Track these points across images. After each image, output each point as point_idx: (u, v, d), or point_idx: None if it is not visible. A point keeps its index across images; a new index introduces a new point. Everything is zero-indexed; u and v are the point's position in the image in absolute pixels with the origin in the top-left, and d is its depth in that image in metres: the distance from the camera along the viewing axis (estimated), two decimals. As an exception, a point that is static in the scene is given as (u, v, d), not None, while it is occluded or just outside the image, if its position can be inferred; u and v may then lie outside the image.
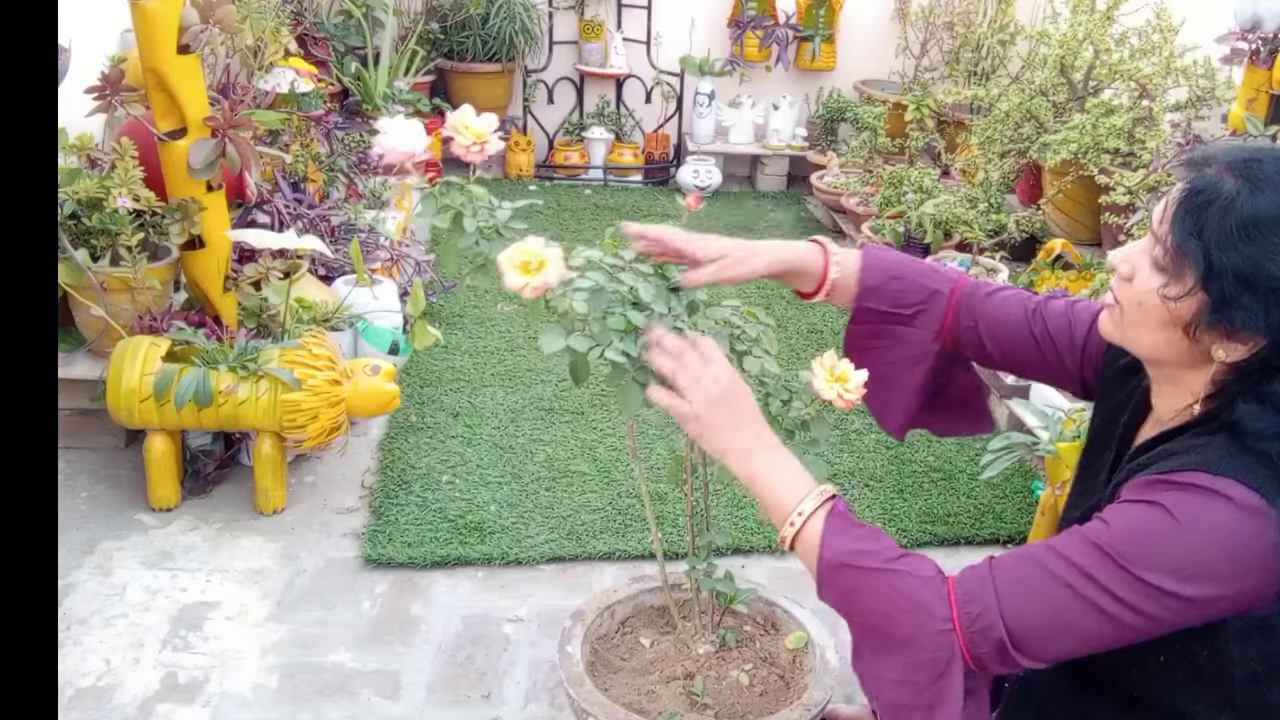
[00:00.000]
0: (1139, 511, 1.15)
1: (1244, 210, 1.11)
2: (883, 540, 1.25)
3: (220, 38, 2.57)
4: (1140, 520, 1.15)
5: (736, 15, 5.39)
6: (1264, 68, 3.22)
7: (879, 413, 1.61)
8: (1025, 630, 1.15)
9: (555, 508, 2.69)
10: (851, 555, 1.23)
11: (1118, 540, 1.14)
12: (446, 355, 3.44)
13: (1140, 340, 1.23)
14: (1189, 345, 1.17)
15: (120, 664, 2.14)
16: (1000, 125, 4.03)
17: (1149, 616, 1.13)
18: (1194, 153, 1.21)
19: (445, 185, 1.44)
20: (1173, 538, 1.12)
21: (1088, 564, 1.14)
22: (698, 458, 1.69)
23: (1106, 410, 1.41)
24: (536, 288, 1.33)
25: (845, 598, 1.25)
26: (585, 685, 1.66)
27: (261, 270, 2.76)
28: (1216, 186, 1.13)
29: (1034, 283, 3.42)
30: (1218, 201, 1.12)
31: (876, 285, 1.51)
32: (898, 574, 1.21)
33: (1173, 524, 1.12)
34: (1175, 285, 1.15)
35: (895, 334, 1.53)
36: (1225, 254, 1.11)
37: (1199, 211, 1.13)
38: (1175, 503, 1.13)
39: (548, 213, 4.91)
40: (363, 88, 4.39)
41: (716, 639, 1.78)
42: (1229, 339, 1.14)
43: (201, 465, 2.70)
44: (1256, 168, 1.13)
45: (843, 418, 3.14)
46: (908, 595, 1.20)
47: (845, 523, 1.26)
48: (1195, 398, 1.21)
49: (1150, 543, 1.13)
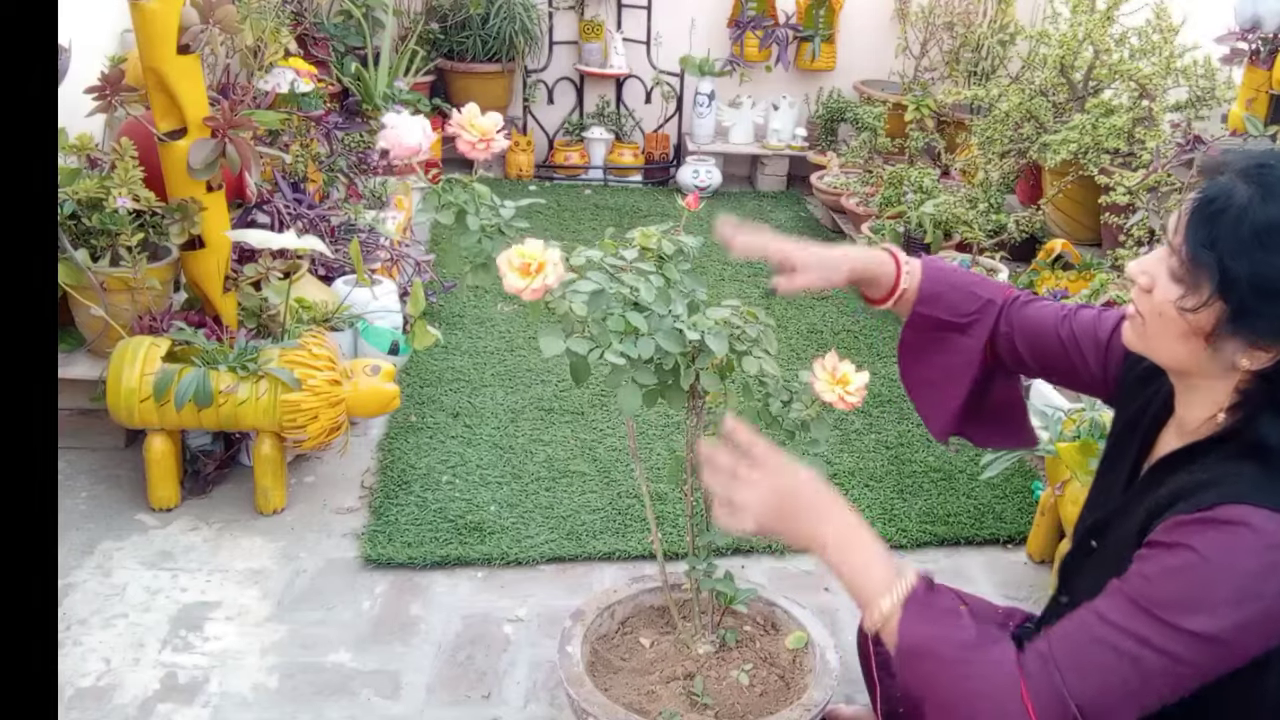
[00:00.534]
0: (1173, 559, 1.13)
1: (1257, 218, 1.10)
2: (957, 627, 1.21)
3: (220, 38, 2.57)
4: (1174, 568, 1.12)
5: (736, 15, 5.39)
6: (1264, 68, 3.21)
7: (926, 415, 1.64)
8: (1093, 706, 1.13)
9: (555, 508, 2.69)
10: (928, 641, 1.19)
11: (1160, 595, 1.12)
12: (446, 355, 3.44)
13: (1162, 351, 1.22)
14: (1211, 355, 1.16)
15: (120, 664, 2.14)
16: (1000, 125, 4.03)
17: (1201, 667, 1.11)
18: (1207, 160, 1.20)
19: (449, 182, 1.44)
20: (1212, 582, 1.10)
21: (1139, 629, 1.12)
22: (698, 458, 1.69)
23: (1128, 415, 1.41)
24: (536, 290, 1.34)
25: (922, 681, 1.22)
26: (585, 685, 1.66)
27: (261, 270, 2.76)
28: (1229, 194, 1.12)
29: (1034, 283, 3.42)
30: (1230, 210, 1.11)
31: (937, 293, 1.55)
32: (973, 662, 1.17)
33: (1208, 569, 1.10)
34: (1192, 297, 1.14)
35: (950, 341, 1.56)
36: (1240, 263, 1.10)
37: (1212, 221, 1.12)
38: (1205, 543, 1.11)
39: (548, 213, 4.91)
40: (363, 88, 4.39)
41: (716, 639, 1.78)
42: (1252, 347, 1.13)
43: (201, 465, 2.70)
44: (1269, 173, 1.12)
45: (843, 418, 3.14)
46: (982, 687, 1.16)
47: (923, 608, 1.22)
48: (1220, 407, 1.20)
49: (1192, 592, 1.10)
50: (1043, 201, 3.89)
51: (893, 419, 3.21)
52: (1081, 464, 2.37)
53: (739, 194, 5.45)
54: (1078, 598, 1.31)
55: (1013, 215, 3.90)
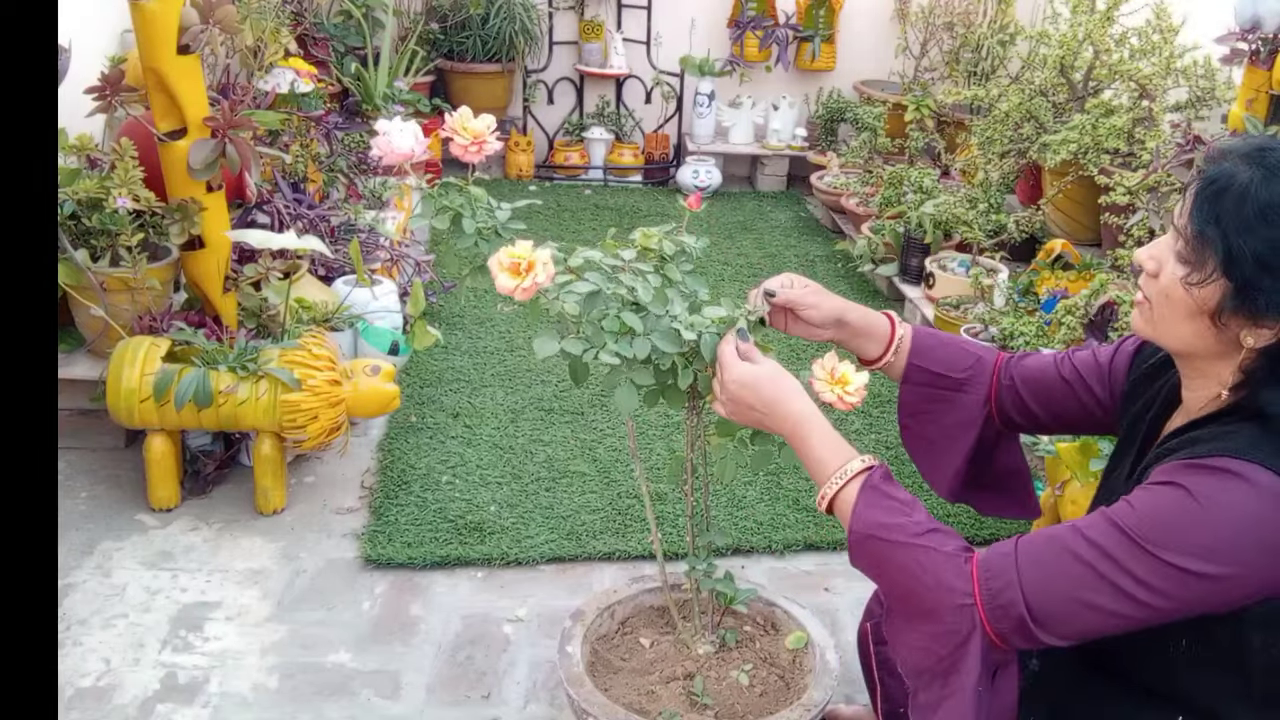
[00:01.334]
0: (1162, 493, 1.18)
1: (1260, 195, 1.14)
2: (914, 513, 1.29)
3: (220, 38, 2.57)
4: (1162, 501, 1.17)
5: (736, 15, 5.39)
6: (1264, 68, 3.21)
7: (929, 475, 1.68)
8: (1045, 606, 1.18)
9: (555, 508, 2.69)
10: (879, 528, 1.27)
11: (1139, 521, 1.16)
12: (446, 355, 3.44)
13: (1170, 333, 1.25)
14: (1217, 333, 1.20)
15: (120, 664, 2.14)
16: (1000, 125, 4.03)
17: (1169, 597, 1.14)
18: (1211, 150, 1.24)
19: (444, 186, 1.44)
20: (1194, 518, 1.14)
21: (1109, 544, 1.17)
22: (698, 458, 1.70)
23: (1134, 412, 1.43)
24: (527, 289, 1.34)
25: (872, 567, 1.30)
26: (585, 685, 1.66)
27: (261, 270, 2.76)
28: (1231, 175, 1.17)
29: (1033, 283, 3.42)
30: (1233, 189, 1.15)
31: (930, 347, 1.60)
32: (922, 549, 1.25)
33: (1194, 505, 1.14)
34: (1197, 273, 1.18)
35: (948, 400, 1.60)
36: (1244, 239, 1.14)
37: (1215, 199, 1.16)
38: (1198, 484, 1.15)
39: (547, 213, 4.91)
40: (362, 88, 4.40)
41: (716, 639, 1.78)
42: (1256, 325, 1.17)
43: (201, 465, 2.70)
44: (1270, 155, 1.16)
45: (843, 418, 3.14)
46: (930, 570, 1.23)
47: (878, 494, 1.30)
48: (1224, 387, 1.23)
49: (1171, 523, 1.15)
50: (1043, 202, 3.89)
51: (892, 419, 3.20)
52: (1081, 464, 2.37)
53: (739, 194, 5.45)
54: None
55: (1013, 215, 3.90)
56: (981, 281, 3.59)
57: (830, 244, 4.71)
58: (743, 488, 2.81)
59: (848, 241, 4.52)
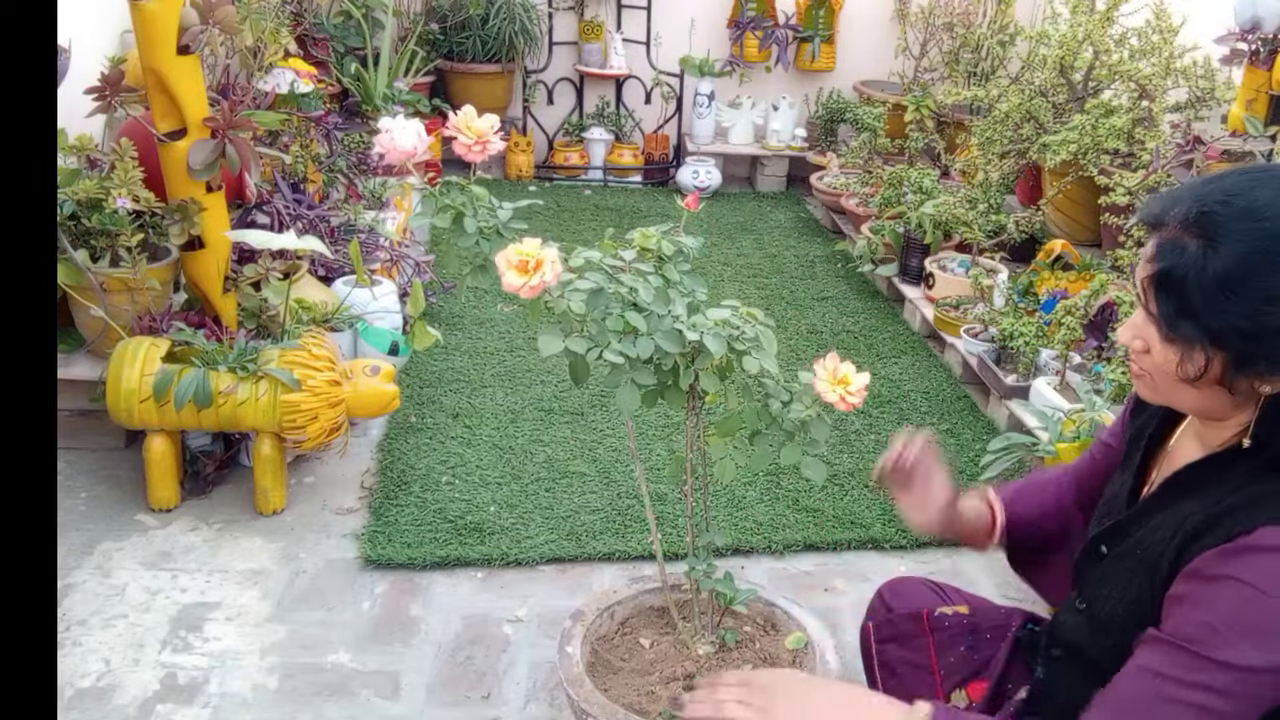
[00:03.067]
0: (1219, 594, 1.11)
1: (1216, 270, 1.09)
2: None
3: (220, 38, 2.57)
4: (1222, 602, 1.11)
5: (736, 16, 5.39)
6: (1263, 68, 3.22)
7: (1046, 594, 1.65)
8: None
9: (555, 508, 2.69)
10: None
11: (1208, 633, 1.10)
12: (446, 356, 3.44)
13: (1182, 401, 1.22)
14: (1229, 393, 1.16)
15: (120, 664, 2.14)
16: (1000, 126, 4.03)
17: (1248, 698, 1.09)
18: (1146, 211, 1.19)
19: (446, 185, 1.44)
20: (1257, 607, 1.08)
21: (1196, 676, 1.10)
22: (698, 458, 1.69)
23: (1139, 422, 1.42)
24: (534, 287, 1.34)
25: None
26: (585, 685, 1.66)
27: (261, 271, 2.76)
28: (1181, 257, 1.11)
29: (1033, 283, 3.42)
30: (1189, 275, 1.10)
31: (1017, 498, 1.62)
32: None
33: (1255, 594, 1.08)
34: (1189, 364, 1.14)
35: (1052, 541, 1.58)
36: (1220, 320, 1.09)
37: (1177, 291, 1.12)
38: (1252, 572, 1.09)
39: (547, 213, 4.91)
40: (362, 88, 4.40)
41: (716, 639, 1.78)
42: (1268, 379, 1.13)
43: (201, 466, 2.70)
44: (1209, 222, 1.11)
45: (842, 419, 3.14)
46: None
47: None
48: (1242, 426, 1.19)
49: (1233, 621, 1.09)
50: (1042, 202, 3.89)
51: (893, 419, 3.21)
52: (1081, 464, 2.37)
53: (739, 195, 5.45)
54: (1094, 605, 1.31)
55: (1012, 216, 3.90)
56: (981, 282, 3.59)
57: (830, 244, 4.71)
58: (743, 488, 2.81)
59: (847, 242, 4.52)
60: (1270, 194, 1.10)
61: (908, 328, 3.90)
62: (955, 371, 3.55)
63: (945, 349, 3.66)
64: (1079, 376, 2.96)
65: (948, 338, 3.62)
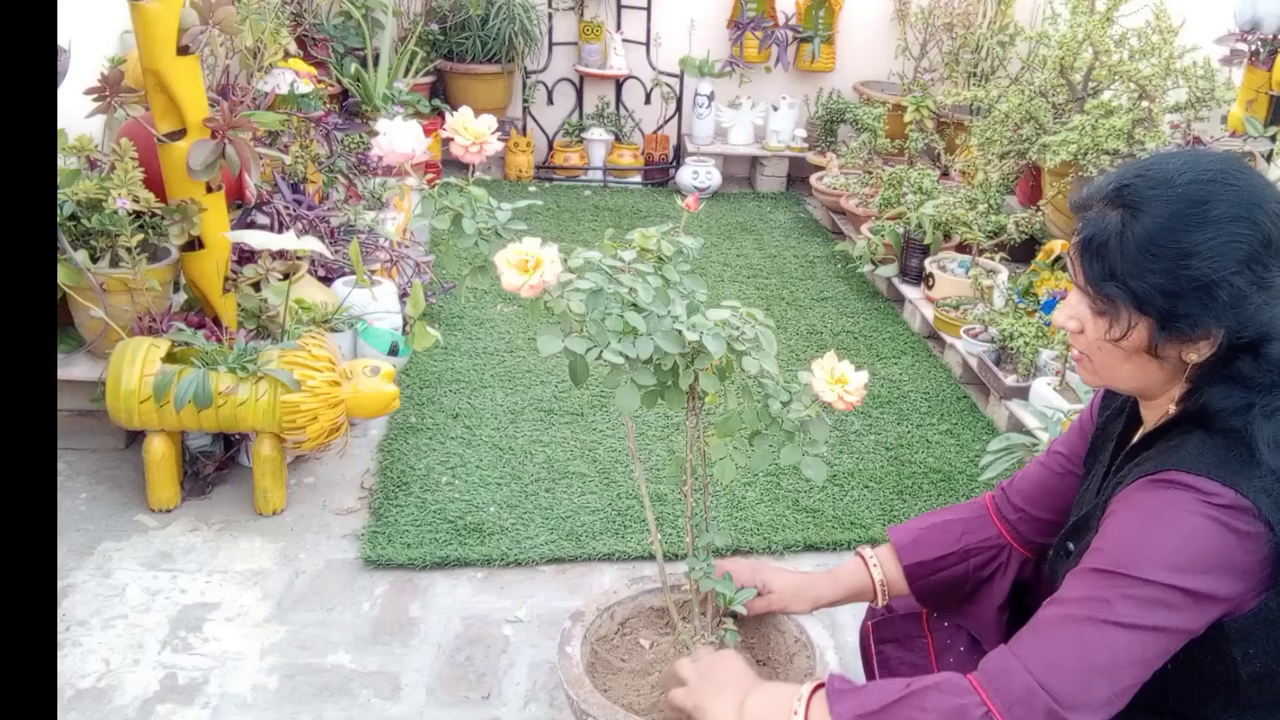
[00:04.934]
0: (1121, 520, 1.19)
1: (1136, 235, 1.16)
2: (886, 684, 1.25)
3: (220, 39, 2.57)
4: (1125, 527, 1.18)
5: (736, 16, 5.39)
6: (1263, 69, 3.22)
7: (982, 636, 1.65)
8: (1063, 682, 1.14)
9: (555, 509, 2.69)
10: (861, 706, 1.23)
11: (1111, 555, 1.17)
12: (446, 356, 3.44)
13: (1118, 377, 1.27)
14: (1159, 363, 1.22)
15: (120, 665, 2.14)
16: (1000, 126, 4.03)
17: (1167, 629, 1.14)
18: (1075, 198, 1.26)
19: (444, 187, 1.44)
20: (1158, 532, 1.15)
21: (1094, 591, 1.16)
22: (697, 459, 1.69)
23: (1100, 423, 1.45)
24: (534, 286, 1.34)
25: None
26: (585, 686, 1.66)
27: (261, 271, 2.76)
28: (1103, 226, 1.19)
29: (1033, 283, 3.42)
30: (1110, 240, 1.18)
31: (911, 543, 1.60)
32: (915, 694, 1.20)
33: (1154, 520, 1.16)
34: (1117, 326, 1.20)
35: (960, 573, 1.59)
36: (1143, 281, 1.16)
37: (1100, 254, 1.19)
38: (1153, 503, 1.17)
39: (547, 214, 4.91)
40: (362, 89, 4.40)
41: (716, 640, 1.78)
42: (1192, 343, 1.19)
43: (201, 466, 2.70)
44: (1128, 193, 1.18)
45: (842, 419, 3.14)
46: (932, 707, 1.18)
47: (845, 693, 1.26)
48: (1173, 401, 1.25)
49: (1140, 542, 1.15)
50: (1042, 202, 3.89)
51: (892, 420, 3.21)
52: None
53: (738, 195, 5.45)
54: None
55: (1012, 216, 3.90)
56: (981, 282, 3.59)
57: (830, 245, 4.71)
58: (742, 489, 2.81)
59: (847, 242, 4.53)
60: (1180, 163, 1.19)
61: (907, 328, 3.90)
62: (955, 372, 3.55)
63: (945, 349, 3.66)
64: (1078, 377, 2.96)
65: (947, 338, 3.62)
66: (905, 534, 1.61)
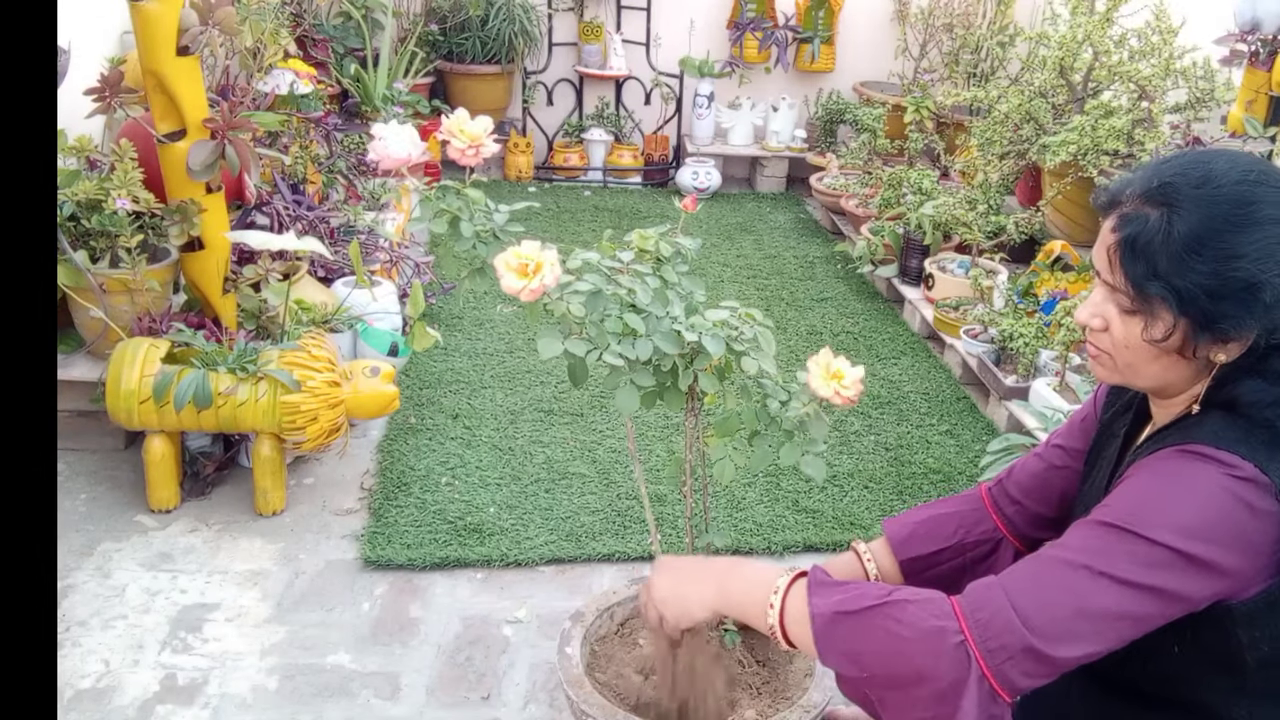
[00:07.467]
0: (1136, 482, 1.18)
1: (1180, 234, 1.14)
2: (868, 586, 1.25)
3: (220, 39, 2.57)
4: (1138, 488, 1.18)
5: (735, 17, 5.40)
6: (1263, 69, 3.22)
7: None
8: (1048, 624, 1.13)
9: (554, 509, 2.69)
10: (840, 604, 1.23)
11: (1120, 511, 1.16)
12: (446, 357, 3.44)
13: (1141, 376, 1.26)
14: (1189, 362, 1.21)
15: (120, 665, 2.14)
16: (999, 127, 4.03)
17: (1164, 591, 1.13)
18: (1100, 194, 1.24)
19: (442, 189, 1.44)
20: (1171, 496, 1.15)
21: (1096, 542, 1.16)
22: (697, 459, 1.69)
23: (1106, 419, 1.44)
24: (534, 290, 1.34)
25: (848, 652, 1.22)
26: (584, 686, 1.66)
27: (261, 272, 2.76)
28: (1144, 224, 1.17)
29: (1033, 284, 3.42)
30: (1155, 238, 1.16)
31: (907, 537, 1.56)
32: (894, 604, 1.19)
33: (1170, 484, 1.15)
34: (1156, 326, 1.19)
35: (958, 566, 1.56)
36: (1187, 279, 1.14)
37: (1143, 254, 1.16)
38: (1170, 468, 1.17)
39: (546, 214, 4.91)
40: (362, 89, 4.40)
41: (716, 640, 1.78)
42: (1224, 344, 1.18)
43: (201, 467, 2.70)
44: (1170, 191, 1.16)
45: (842, 419, 3.14)
46: (908, 622, 1.17)
47: (826, 586, 1.26)
48: (1194, 398, 1.24)
49: (1152, 503, 1.15)
50: (1042, 203, 3.89)
51: (892, 420, 3.21)
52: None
53: (738, 195, 5.45)
54: None
55: (1012, 217, 3.90)
56: (981, 283, 3.59)
57: (829, 245, 4.71)
58: (742, 489, 2.81)
59: (847, 243, 4.53)
60: (1224, 164, 1.17)
61: (907, 329, 3.90)
62: (955, 372, 3.55)
63: (945, 350, 3.66)
64: (1078, 377, 2.96)
65: (947, 339, 3.62)
66: (900, 528, 1.59)
